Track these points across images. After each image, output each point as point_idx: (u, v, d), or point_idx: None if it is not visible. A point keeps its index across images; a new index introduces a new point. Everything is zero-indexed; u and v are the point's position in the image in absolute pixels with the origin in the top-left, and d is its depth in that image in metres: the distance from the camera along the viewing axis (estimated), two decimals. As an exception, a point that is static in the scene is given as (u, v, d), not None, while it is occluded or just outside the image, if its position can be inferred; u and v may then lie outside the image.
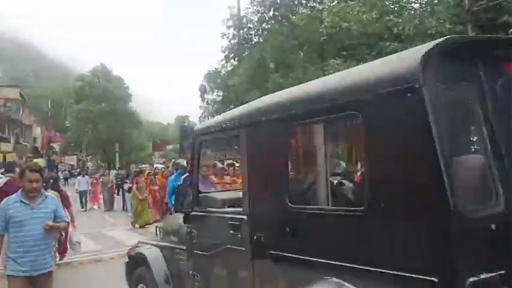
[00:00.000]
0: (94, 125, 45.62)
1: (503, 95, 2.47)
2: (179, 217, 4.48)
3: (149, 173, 16.14)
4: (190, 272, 4.13)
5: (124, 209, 18.85)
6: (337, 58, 13.67)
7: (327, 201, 3.00)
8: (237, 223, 3.47)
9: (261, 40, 18.01)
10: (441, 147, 2.14)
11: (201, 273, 4.02)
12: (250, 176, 3.43)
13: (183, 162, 10.36)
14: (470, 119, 2.44)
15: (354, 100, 2.59)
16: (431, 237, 2.20)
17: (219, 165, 9.57)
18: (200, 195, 4.26)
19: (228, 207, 3.87)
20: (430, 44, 2.36)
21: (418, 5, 15.40)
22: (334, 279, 2.59)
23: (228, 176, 9.59)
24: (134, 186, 14.70)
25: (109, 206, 19.90)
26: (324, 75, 14.58)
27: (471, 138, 2.51)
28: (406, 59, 2.43)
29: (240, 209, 3.51)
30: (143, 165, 22.16)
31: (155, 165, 21.19)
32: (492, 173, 2.30)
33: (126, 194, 17.60)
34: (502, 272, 2.18)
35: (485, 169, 2.31)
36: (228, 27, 19.76)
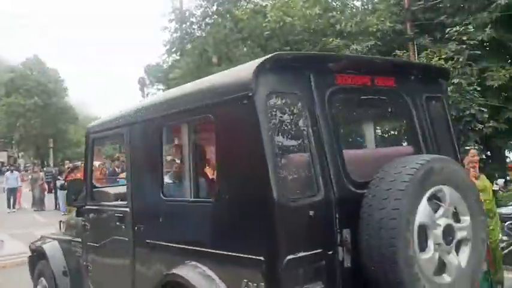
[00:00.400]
0: (26, 119, 42.99)
1: (332, 103, 2.95)
2: None
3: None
4: (84, 263, 4.45)
5: (56, 207, 17.76)
6: (280, 53, 13.45)
7: (189, 194, 3.36)
8: (122, 215, 3.85)
9: (204, 34, 17.46)
10: (268, 147, 2.58)
11: (93, 263, 4.35)
12: (132, 171, 3.83)
13: None
14: (300, 123, 2.81)
15: (208, 104, 3.02)
16: (259, 223, 2.64)
17: None
18: (94, 189, 4.62)
19: (121, 201, 4.19)
20: (262, 58, 2.75)
21: (360, 2, 15.56)
22: (192, 262, 3.00)
23: None
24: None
25: (39, 205, 18.62)
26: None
27: (300, 139, 2.84)
28: (245, 70, 2.81)
29: (125, 202, 3.89)
30: (77, 162, 20.96)
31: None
32: (315, 168, 2.73)
33: (59, 192, 16.53)
34: (319, 250, 2.64)
35: (308, 165, 2.74)
36: (170, 21, 19.03)
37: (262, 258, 2.56)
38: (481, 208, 2.99)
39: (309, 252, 2.60)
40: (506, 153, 14.58)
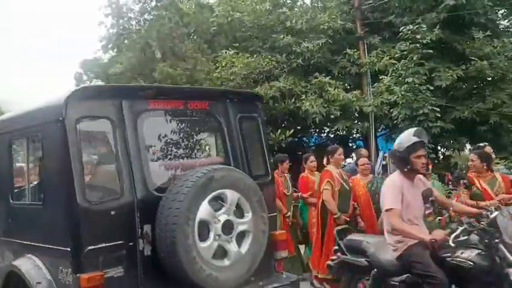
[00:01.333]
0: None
1: (144, 123, 3.66)
2: None
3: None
4: None
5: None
6: (229, 49, 12.74)
7: (28, 198, 4.15)
8: None
9: (143, 31, 16.30)
10: (75, 161, 3.31)
11: None
12: None
13: None
14: (110, 141, 3.54)
15: (37, 124, 3.76)
16: (68, 222, 3.43)
17: None
18: None
19: None
20: (74, 88, 3.56)
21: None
22: (29, 255, 3.78)
23: None
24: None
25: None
26: (216, 67, 13.66)
27: (108, 155, 3.61)
28: (60, 97, 3.50)
29: None
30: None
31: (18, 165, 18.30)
32: (120, 177, 3.49)
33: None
34: (120, 242, 3.41)
35: (114, 175, 3.51)
36: (106, 15, 17.66)
37: (69, 249, 3.37)
38: (263, 206, 3.77)
39: (110, 244, 3.36)
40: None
